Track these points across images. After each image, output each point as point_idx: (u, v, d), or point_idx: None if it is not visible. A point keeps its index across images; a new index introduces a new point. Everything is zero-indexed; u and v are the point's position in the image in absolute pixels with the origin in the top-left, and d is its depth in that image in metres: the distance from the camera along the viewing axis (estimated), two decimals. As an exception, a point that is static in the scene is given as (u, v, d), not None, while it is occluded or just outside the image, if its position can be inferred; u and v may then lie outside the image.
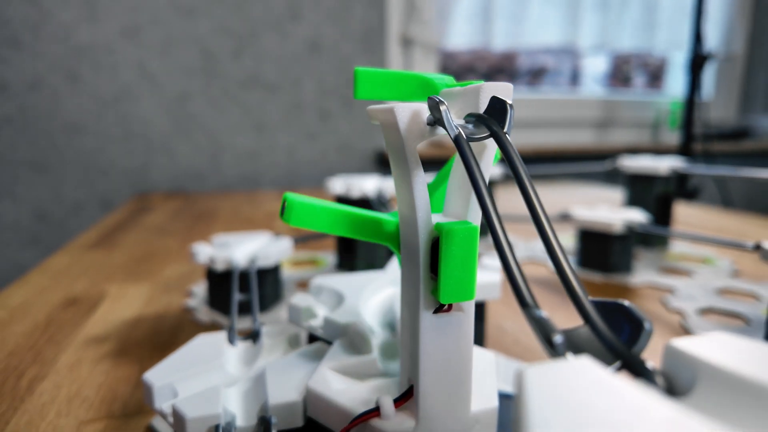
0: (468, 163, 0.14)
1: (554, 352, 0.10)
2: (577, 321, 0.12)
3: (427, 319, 0.16)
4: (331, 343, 0.22)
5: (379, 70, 0.19)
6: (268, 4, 1.14)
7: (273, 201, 0.94)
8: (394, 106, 0.15)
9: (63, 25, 1.03)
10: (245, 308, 0.34)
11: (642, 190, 0.54)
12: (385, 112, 0.16)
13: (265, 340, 0.25)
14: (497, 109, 0.14)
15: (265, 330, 0.25)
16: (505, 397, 0.23)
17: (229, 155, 1.17)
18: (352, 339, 0.22)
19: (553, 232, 0.12)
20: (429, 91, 0.20)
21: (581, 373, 0.08)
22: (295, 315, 0.25)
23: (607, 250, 0.45)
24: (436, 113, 0.15)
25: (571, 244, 0.55)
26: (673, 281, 0.43)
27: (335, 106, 1.22)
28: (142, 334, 0.34)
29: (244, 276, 0.35)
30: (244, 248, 0.37)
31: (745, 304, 0.38)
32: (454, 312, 0.16)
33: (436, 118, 0.15)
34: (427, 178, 0.17)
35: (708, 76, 1.57)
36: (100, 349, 0.31)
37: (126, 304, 0.39)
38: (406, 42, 1.29)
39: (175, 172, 1.14)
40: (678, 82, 1.55)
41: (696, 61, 1.18)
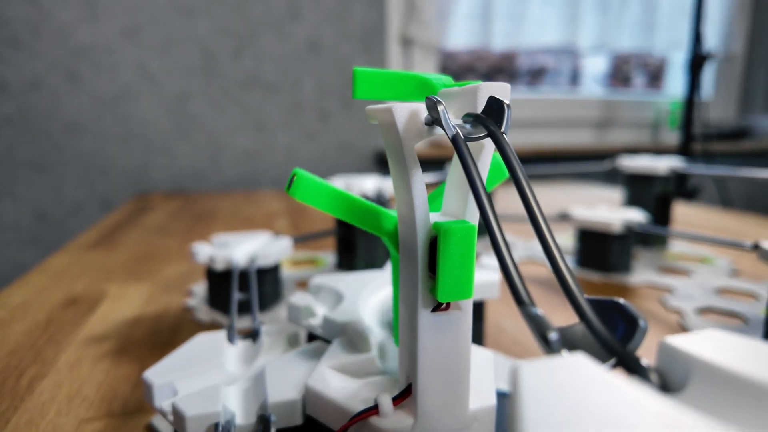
0: (465, 163, 0.14)
1: (549, 349, 0.10)
2: (576, 321, 0.12)
3: (426, 318, 0.16)
4: (331, 342, 0.22)
5: (377, 70, 0.20)
6: (268, 4, 1.14)
7: (273, 201, 0.94)
8: (393, 106, 0.15)
9: (63, 25, 1.03)
10: (245, 307, 0.34)
11: (641, 190, 0.54)
12: (384, 112, 0.16)
13: (265, 339, 0.25)
14: (495, 109, 0.15)
15: (264, 329, 0.25)
16: (504, 395, 0.23)
17: (229, 155, 1.17)
18: (351, 338, 0.22)
19: (550, 231, 0.12)
20: (427, 91, 0.20)
21: (576, 370, 0.08)
22: (295, 314, 0.25)
23: (606, 250, 0.45)
24: (434, 113, 0.15)
25: (571, 243, 0.55)
26: (671, 281, 0.44)
27: (335, 105, 1.22)
28: (142, 333, 0.34)
29: (244, 275, 0.35)
30: (244, 248, 0.37)
31: (743, 303, 0.38)
32: (453, 311, 0.17)
33: (434, 118, 0.15)
34: (426, 178, 0.17)
35: (707, 76, 1.57)
36: (100, 349, 0.32)
37: (126, 304, 0.39)
38: (406, 42, 1.29)
39: (175, 172, 1.14)
40: (677, 82, 1.55)
41: (695, 61, 1.19)
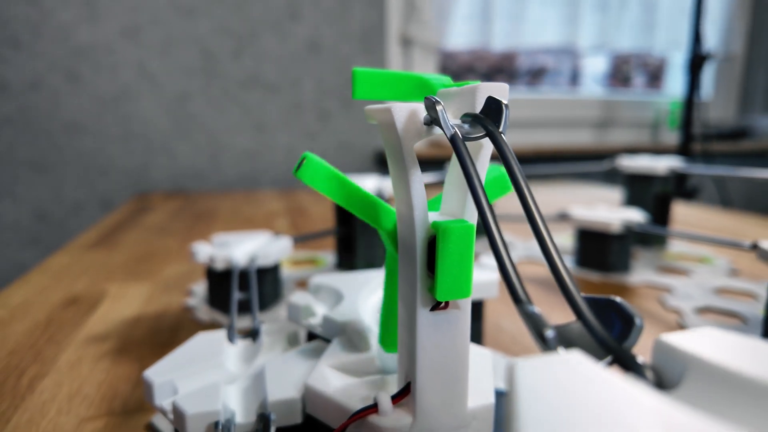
0: (463, 162, 0.14)
1: (546, 347, 0.10)
2: (573, 319, 0.12)
3: (425, 317, 0.16)
4: (330, 341, 0.22)
5: (377, 70, 0.20)
6: (268, 4, 1.14)
7: (273, 201, 0.94)
8: (392, 106, 0.15)
9: (63, 25, 1.03)
10: (245, 307, 0.34)
11: (640, 189, 0.54)
12: (383, 112, 0.16)
13: (265, 338, 0.25)
14: (493, 109, 0.15)
15: (264, 328, 0.26)
16: (503, 394, 0.23)
17: (229, 155, 1.17)
18: (350, 337, 0.22)
19: (547, 230, 0.12)
20: (426, 92, 0.20)
21: (572, 367, 0.08)
22: (295, 313, 0.25)
23: (605, 250, 0.45)
24: (433, 113, 0.15)
25: (570, 243, 0.55)
26: (670, 280, 0.44)
27: (335, 105, 1.22)
28: (143, 332, 0.34)
29: (244, 275, 0.35)
30: (244, 247, 0.37)
31: (742, 303, 0.38)
32: (451, 309, 0.17)
33: (433, 118, 0.15)
34: (426, 178, 0.17)
35: (707, 76, 1.57)
36: (100, 348, 0.32)
37: (126, 304, 0.39)
38: (406, 42, 1.29)
39: (175, 172, 1.14)
40: (677, 82, 1.56)
41: (695, 61, 1.19)
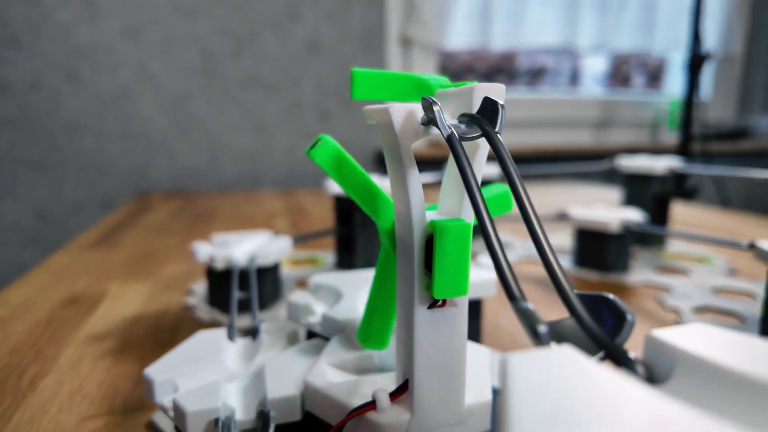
0: (460, 162, 0.14)
1: (539, 342, 0.10)
2: (566, 315, 0.12)
3: (422, 315, 0.17)
4: (329, 340, 0.22)
5: (375, 70, 0.20)
6: (268, 5, 1.14)
7: (273, 200, 0.94)
8: (390, 106, 0.16)
9: (63, 25, 1.03)
10: (245, 306, 0.35)
11: (639, 189, 0.54)
12: (381, 112, 0.16)
13: (265, 337, 0.25)
14: (489, 109, 0.15)
15: (264, 327, 0.26)
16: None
17: (229, 155, 1.18)
18: (349, 335, 0.22)
19: (541, 228, 0.12)
20: (424, 92, 0.20)
21: (564, 361, 0.09)
22: (294, 312, 0.25)
23: (604, 249, 0.45)
24: (430, 113, 0.15)
25: (569, 243, 0.55)
26: (669, 280, 0.44)
27: (334, 106, 1.23)
28: (143, 331, 0.34)
29: (244, 274, 0.35)
30: (244, 247, 0.37)
31: (740, 302, 0.39)
32: (449, 307, 0.17)
33: (430, 118, 0.15)
34: (424, 178, 0.17)
35: (706, 76, 1.58)
36: (101, 347, 0.32)
37: (126, 303, 0.40)
38: (406, 42, 1.29)
39: (175, 172, 1.15)
40: (677, 82, 1.56)
41: (694, 61, 1.19)
